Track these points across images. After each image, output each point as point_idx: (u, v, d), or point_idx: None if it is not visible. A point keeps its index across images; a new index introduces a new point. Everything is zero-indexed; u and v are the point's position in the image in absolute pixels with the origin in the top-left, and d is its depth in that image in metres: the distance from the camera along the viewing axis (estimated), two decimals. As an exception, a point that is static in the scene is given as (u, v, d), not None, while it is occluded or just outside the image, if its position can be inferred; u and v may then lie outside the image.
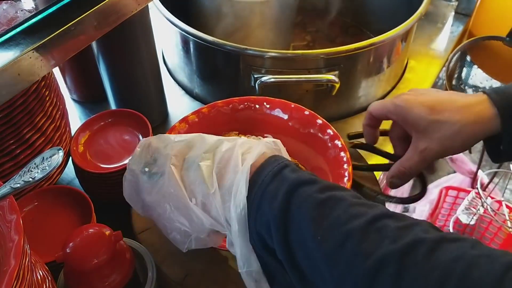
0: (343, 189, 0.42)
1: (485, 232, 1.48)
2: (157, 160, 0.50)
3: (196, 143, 0.49)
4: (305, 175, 0.42)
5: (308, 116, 0.70)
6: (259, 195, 0.42)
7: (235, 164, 0.44)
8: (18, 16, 0.51)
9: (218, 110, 0.71)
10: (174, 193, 0.47)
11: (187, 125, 0.69)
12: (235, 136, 0.69)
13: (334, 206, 0.39)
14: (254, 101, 0.72)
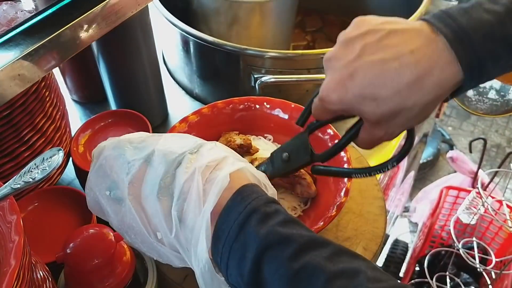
0: (319, 245, 0.36)
1: (485, 231, 1.48)
2: (118, 183, 0.43)
3: (153, 162, 0.42)
4: (275, 231, 0.36)
5: None
6: (226, 253, 0.37)
7: (195, 199, 0.38)
8: (18, 17, 0.51)
9: (219, 110, 0.71)
10: (137, 228, 0.42)
11: (187, 125, 0.69)
12: (235, 135, 0.69)
13: (309, 281, 0.34)
14: (254, 101, 0.72)
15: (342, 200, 0.59)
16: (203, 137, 0.69)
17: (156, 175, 0.41)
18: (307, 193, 0.65)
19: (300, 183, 0.64)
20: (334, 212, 0.58)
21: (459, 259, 1.33)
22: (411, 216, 1.99)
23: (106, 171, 0.44)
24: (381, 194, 0.70)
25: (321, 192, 0.65)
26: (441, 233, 1.61)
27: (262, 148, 0.70)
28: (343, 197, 0.59)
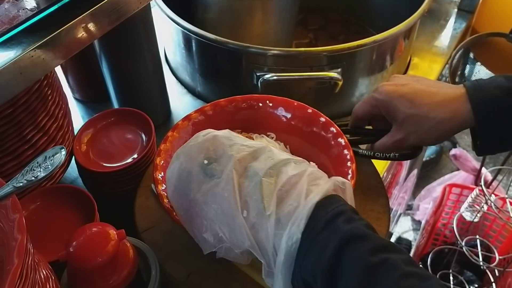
0: (397, 251, 0.39)
1: (488, 229, 1.48)
2: (220, 158, 0.47)
3: (262, 155, 0.47)
4: (359, 228, 0.40)
5: (311, 114, 0.69)
6: (308, 243, 0.40)
7: (298, 193, 0.42)
8: (20, 15, 0.51)
9: (221, 109, 0.71)
10: (227, 198, 0.45)
11: (190, 124, 0.69)
12: (238, 134, 0.69)
13: (384, 274, 0.36)
14: (257, 100, 0.72)
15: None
16: None
17: (264, 164, 0.46)
18: None
19: None
20: None
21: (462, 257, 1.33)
22: (414, 214, 1.99)
23: (209, 147, 0.48)
24: (385, 192, 0.70)
25: None
26: (444, 231, 1.60)
27: None
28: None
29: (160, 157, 0.63)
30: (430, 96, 0.59)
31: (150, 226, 0.66)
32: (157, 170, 0.62)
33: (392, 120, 0.62)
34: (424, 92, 0.59)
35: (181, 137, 0.67)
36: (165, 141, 0.65)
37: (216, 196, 0.45)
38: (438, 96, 0.58)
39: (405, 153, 0.68)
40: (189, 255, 0.62)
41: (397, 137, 0.62)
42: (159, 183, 0.60)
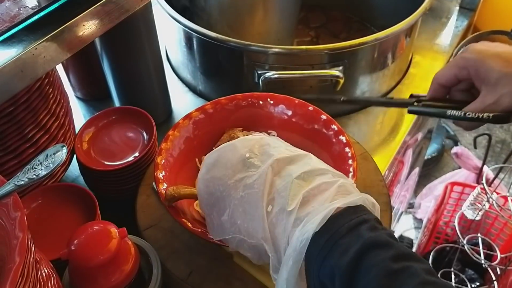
0: (418, 260, 0.39)
1: (490, 228, 1.48)
2: (261, 155, 0.48)
3: (302, 160, 0.47)
4: (382, 236, 0.40)
5: (312, 112, 0.69)
6: (329, 245, 0.40)
7: (324, 198, 0.43)
8: (20, 13, 0.51)
9: (222, 107, 0.71)
10: (256, 191, 0.45)
11: (190, 122, 0.69)
12: (238, 132, 0.69)
13: (404, 281, 0.36)
14: (258, 97, 0.72)
15: None
16: (206, 134, 0.70)
17: (301, 168, 0.46)
18: None
19: None
20: None
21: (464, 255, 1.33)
22: (415, 213, 1.99)
23: (254, 145, 0.49)
24: (386, 190, 0.70)
25: None
26: (446, 229, 1.60)
27: None
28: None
29: (161, 156, 0.63)
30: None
31: (152, 224, 0.66)
32: (158, 169, 0.62)
33: (483, 83, 0.56)
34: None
35: (182, 135, 0.67)
36: (166, 140, 0.65)
37: (247, 187, 0.46)
38: None
39: (500, 115, 0.60)
40: (190, 253, 0.63)
41: (489, 101, 0.56)
42: (160, 182, 0.60)
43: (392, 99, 0.67)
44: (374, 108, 0.99)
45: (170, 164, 0.64)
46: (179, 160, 0.66)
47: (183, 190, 0.58)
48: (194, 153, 0.69)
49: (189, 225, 0.56)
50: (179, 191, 0.57)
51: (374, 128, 0.96)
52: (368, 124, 0.96)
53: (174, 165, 0.64)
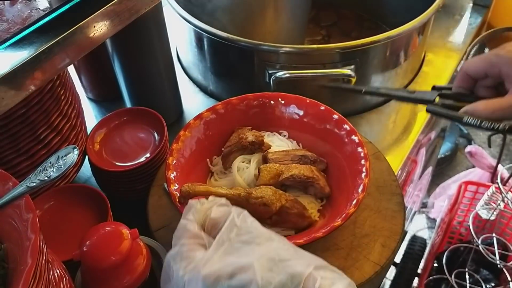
0: None
1: (505, 227, 1.46)
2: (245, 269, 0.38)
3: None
4: None
5: (324, 112, 0.69)
6: None
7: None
8: (32, 15, 0.51)
9: (233, 107, 0.71)
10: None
11: (201, 123, 0.68)
12: (247, 132, 0.68)
13: None
14: (269, 97, 0.71)
15: (359, 196, 0.58)
16: (217, 134, 0.69)
17: None
18: (321, 193, 0.64)
19: (313, 186, 0.63)
20: (352, 208, 0.57)
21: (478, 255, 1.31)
22: (429, 212, 1.97)
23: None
24: (399, 190, 0.69)
25: (337, 188, 0.64)
26: (460, 229, 1.58)
27: (276, 144, 0.69)
28: (361, 193, 0.58)
29: (172, 157, 0.63)
30: None
31: (163, 225, 0.66)
32: (169, 169, 0.61)
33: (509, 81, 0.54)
34: None
35: (193, 136, 0.67)
36: (177, 140, 0.65)
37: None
38: None
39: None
40: (202, 254, 0.62)
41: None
42: (172, 183, 0.60)
43: (414, 92, 0.64)
44: (386, 107, 0.98)
45: (181, 165, 0.64)
46: (190, 160, 0.66)
47: (198, 187, 0.57)
48: (205, 154, 0.69)
49: None
50: (194, 188, 0.57)
51: (386, 127, 0.95)
52: (380, 123, 0.95)
53: (185, 165, 0.64)
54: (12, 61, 0.44)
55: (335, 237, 0.63)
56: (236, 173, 0.65)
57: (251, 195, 0.58)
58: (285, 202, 0.59)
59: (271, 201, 0.58)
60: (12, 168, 0.64)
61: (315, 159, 0.66)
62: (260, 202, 0.58)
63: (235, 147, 0.67)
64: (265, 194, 0.58)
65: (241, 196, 0.58)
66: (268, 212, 0.58)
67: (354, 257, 0.61)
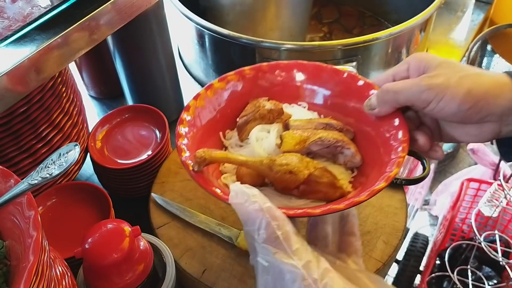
0: None
1: (508, 224, 1.45)
2: None
3: None
4: None
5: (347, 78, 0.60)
6: None
7: None
8: (33, 12, 0.51)
9: (245, 79, 0.62)
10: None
11: (214, 92, 0.60)
12: (264, 101, 0.60)
13: None
14: (284, 68, 0.63)
15: (392, 172, 0.49)
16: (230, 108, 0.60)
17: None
18: (352, 162, 0.56)
19: (343, 153, 0.56)
20: (383, 183, 0.49)
21: (480, 252, 1.31)
22: (431, 209, 1.97)
23: None
24: (401, 187, 0.69)
25: (369, 160, 0.56)
26: (462, 226, 1.58)
27: (296, 115, 0.61)
28: (395, 168, 0.50)
29: (182, 125, 0.56)
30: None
31: (165, 222, 0.66)
32: (180, 137, 0.54)
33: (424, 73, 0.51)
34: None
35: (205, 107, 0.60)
36: (187, 109, 0.58)
37: None
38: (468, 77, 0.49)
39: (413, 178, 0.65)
40: (204, 252, 0.62)
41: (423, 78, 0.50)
42: (183, 150, 0.52)
43: None
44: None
45: (192, 135, 0.56)
46: (201, 132, 0.58)
47: (214, 152, 0.50)
48: (217, 127, 0.61)
49: (221, 193, 0.48)
50: (210, 153, 0.49)
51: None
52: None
53: (195, 136, 0.57)
54: (13, 59, 0.44)
55: (337, 234, 0.63)
56: (255, 143, 0.57)
57: (275, 161, 0.51)
58: (313, 169, 0.51)
59: (298, 168, 0.50)
60: (14, 166, 0.64)
61: (341, 127, 0.58)
62: (285, 169, 0.50)
63: (252, 116, 0.58)
64: (290, 161, 0.50)
65: (264, 163, 0.51)
66: (295, 181, 0.51)
67: (356, 254, 0.61)
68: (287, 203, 0.52)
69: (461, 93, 0.47)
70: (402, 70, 0.54)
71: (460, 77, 0.48)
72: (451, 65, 0.50)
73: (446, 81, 0.48)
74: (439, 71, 0.49)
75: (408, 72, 0.53)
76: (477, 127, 0.50)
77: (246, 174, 0.53)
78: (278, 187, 0.52)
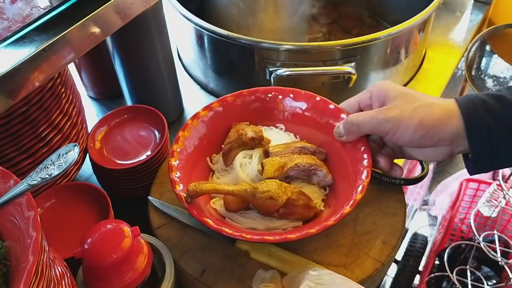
0: None
1: (507, 224, 1.45)
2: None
3: None
4: None
5: (319, 102, 0.69)
6: None
7: None
8: (32, 13, 0.51)
9: (229, 104, 0.70)
10: None
11: (199, 121, 0.68)
12: (246, 127, 0.68)
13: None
14: (264, 92, 0.71)
15: (364, 182, 0.58)
16: (215, 132, 0.69)
17: None
18: (324, 181, 0.65)
19: (316, 174, 0.64)
20: (359, 195, 0.57)
21: (480, 252, 1.31)
22: (430, 209, 1.97)
23: None
24: (400, 188, 0.69)
25: (339, 178, 0.65)
26: (461, 226, 1.58)
27: (274, 138, 0.69)
28: (365, 179, 0.59)
29: (174, 158, 0.63)
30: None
31: (164, 222, 0.66)
32: (172, 170, 0.61)
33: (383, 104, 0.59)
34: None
35: (192, 136, 0.67)
36: (177, 141, 0.65)
37: None
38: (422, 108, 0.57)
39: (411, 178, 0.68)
40: (203, 252, 0.62)
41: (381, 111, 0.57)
42: (177, 184, 0.60)
43: None
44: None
45: (183, 165, 0.64)
46: (191, 160, 0.66)
47: (204, 185, 0.57)
48: (205, 152, 0.69)
49: (212, 223, 0.56)
50: (200, 187, 0.57)
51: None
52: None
53: (186, 165, 0.64)
54: (12, 59, 0.44)
55: (336, 234, 0.63)
56: (239, 169, 0.65)
57: (257, 189, 0.59)
58: (291, 194, 0.60)
59: (277, 194, 0.59)
60: (14, 166, 0.64)
61: (314, 150, 0.67)
62: (266, 196, 0.59)
63: (236, 144, 0.67)
64: (271, 188, 0.59)
65: (248, 192, 0.59)
66: (275, 205, 0.59)
67: (355, 254, 0.61)
68: (268, 223, 0.61)
69: (414, 124, 0.54)
70: (366, 98, 0.62)
71: (413, 108, 0.55)
72: (407, 96, 0.57)
73: (400, 113, 0.55)
74: (395, 103, 0.57)
75: (371, 100, 0.61)
76: (432, 149, 0.57)
77: (232, 200, 0.62)
78: (261, 210, 0.61)
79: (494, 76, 1.51)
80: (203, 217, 0.56)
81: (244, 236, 0.55)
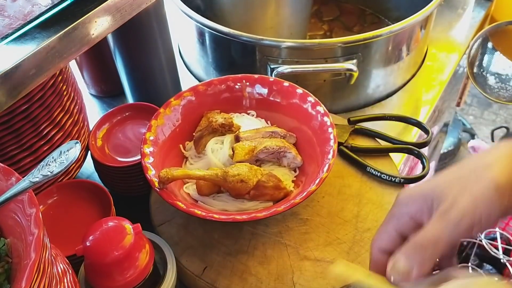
0: None
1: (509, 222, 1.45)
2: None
3: None
4: None
5: (288, 87, 0.71)
6: None
7: None
8: (33, 11, 0.51)
9: (200, 93, 0.72)
10: None
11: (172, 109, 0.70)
12: (216, 115, 0.69)
13: None
14: (234, 80, 0.73)
15: (330, 161, 0.61)
16: (188, 120, 0.70)
17: None
18: (294, 163, 0.67)
19: (286, 156, 0.67)
20: (325, 173, 0.59)
21: (481, 250, 1.31)
22: (431, 207, 1.96)
23: None
24: (402, 186, 0.69)
25: (308, 159, 0.67)
26: (463, 223, 1.58)
27: (245, 124, 0.71)
28: (331, 158, 0.61)
29: (146, 145, 0.65)
30: None
31: (166, 220, 0.66)
32: (145, 156, 0.63)
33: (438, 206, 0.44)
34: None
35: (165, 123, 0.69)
36: (149, 129, 0.67)
37: None
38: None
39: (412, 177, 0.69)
40: (204, 249, 0.63)
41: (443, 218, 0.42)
42: (149, 169, 0.61)
43: None
44: (389, 101, 0.98)
45: (157, 152, 0.65)
46: (165, 147, 0.67)
47: (175, 171, 0.59)
48: (177, 140, 0.70)
49: (183, 206, 0.57)
50: (172, 173, 0.59)
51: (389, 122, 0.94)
52: (383, 117, 0.95)
53: (160, 152, 0.66)
54: (14, 57, 0.44)
55: (338, 231, 0.63)
56: (211, 154, 0.66)
57: (228, 173, 0.61)
58: (261, 176, 0.62)
59: (248, 177, 0.61)
60: (15, 164, 0.64)
61: (285, 134, 0.69)
62: (237, 179, 0.61)
63: (206, 131, 0.68)
64: (241, 171, 0.61)
65: (219, 176, 0.61)
66: (246, 188, 0.61)
67: (357, 251, 0.61)
68: (240, 205, 0.63)
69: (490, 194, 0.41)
70: (404, 222, 0.47)
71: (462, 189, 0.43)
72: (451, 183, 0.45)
73: (462, 205, 0.42)
74: (447, 197, 0.43)
75: (414, 220, 0.46)
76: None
77: (205, 184, 0.64)
78: (233, 193, 0.63)
79: (496, 73, 1.51)
80: (173, 200, 0.58)
81: (214, 216, 0.57)
